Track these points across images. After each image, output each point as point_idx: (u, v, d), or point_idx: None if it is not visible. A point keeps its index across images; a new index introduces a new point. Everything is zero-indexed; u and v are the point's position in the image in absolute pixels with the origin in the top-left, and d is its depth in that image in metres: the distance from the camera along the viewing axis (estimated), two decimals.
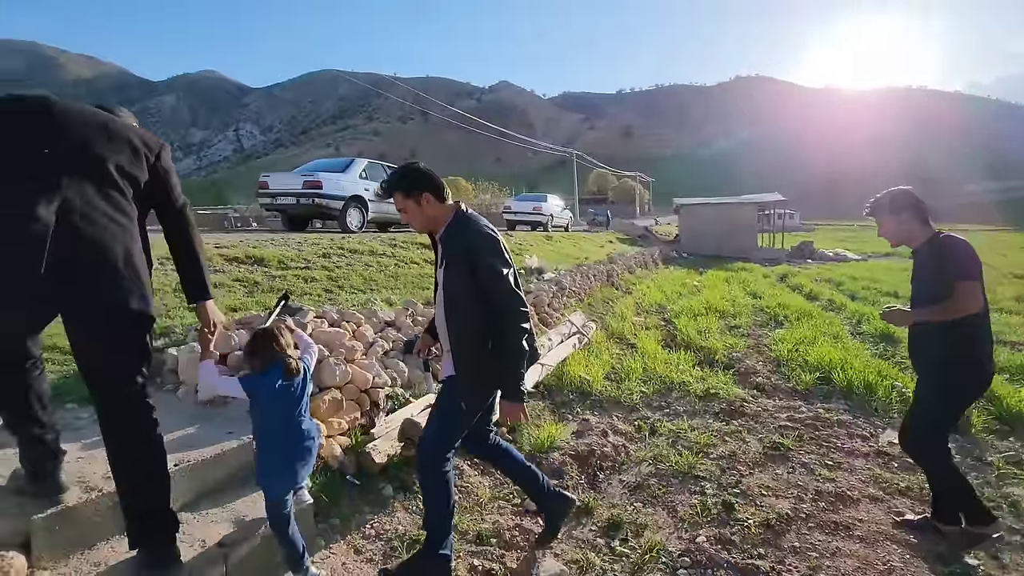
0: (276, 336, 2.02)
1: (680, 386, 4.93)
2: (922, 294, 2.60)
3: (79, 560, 1.86)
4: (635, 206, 59.05)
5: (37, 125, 1.61)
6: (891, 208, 2.65)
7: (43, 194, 1.51)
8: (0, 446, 2.19)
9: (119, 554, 1.91)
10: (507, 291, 2.07)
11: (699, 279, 13.06)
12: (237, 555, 2.03)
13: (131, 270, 1.66)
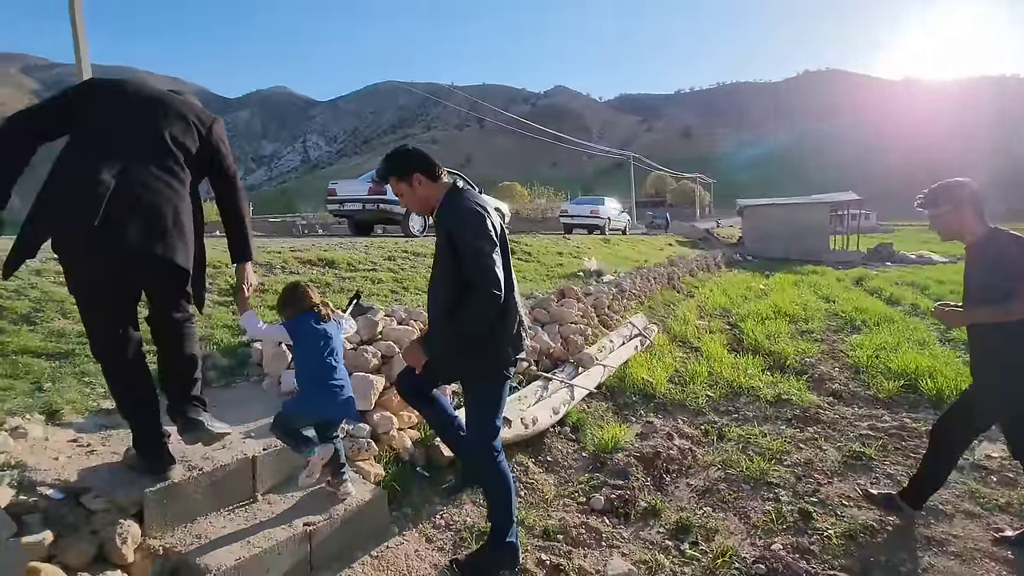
0: (305, 289, 2.32)
1: (749, 391, 4.76)
2: (976, 293, 2.48)
3: (183, 532, 2.02)
4: (695, 208, 57.36)
5: (110, 105, 1.93)
6: (945, 200, 2.50)
7: (107, 162, 1.80)
8: (114, 426, 2.41)
9: (216, 528, 2.07)
10: (481, 268, 1.96)
11: (765, 282, 12.52)
12: (320, 535, 2.14)
13: (178, 229, 1.91)
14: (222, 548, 1.96)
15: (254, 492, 2.28)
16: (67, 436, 2.30)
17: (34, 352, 2.96)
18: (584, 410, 4.13)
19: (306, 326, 2.26)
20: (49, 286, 3.76)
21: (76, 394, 2.63)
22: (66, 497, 1.90)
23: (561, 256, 10.00)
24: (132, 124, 1.92)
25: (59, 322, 3.36)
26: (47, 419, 2.39)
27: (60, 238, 1.81)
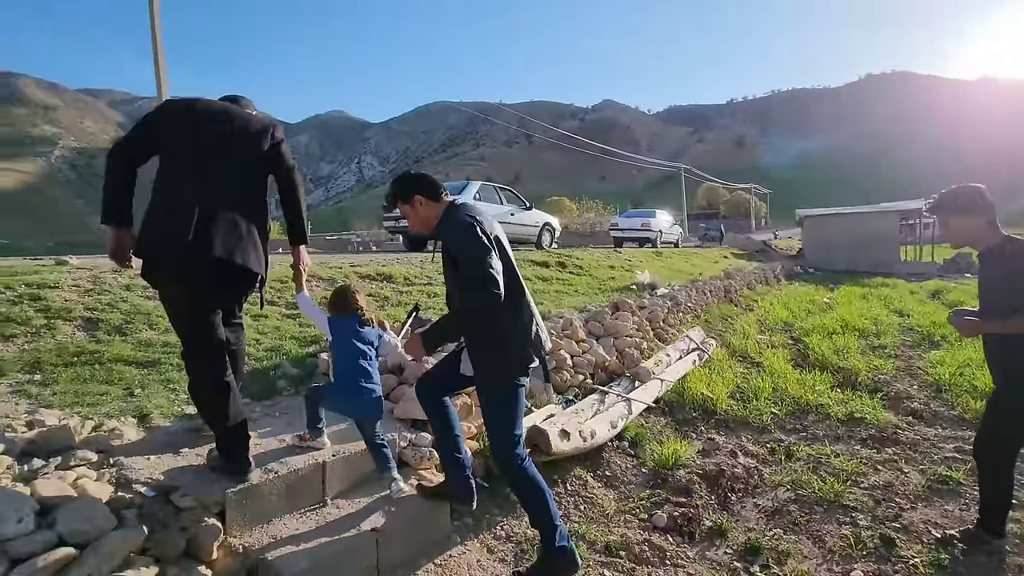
0: (353, 294, 2.51)
1: (817, 408, 4.53)
2: (992, 302, 2.43)
3: (260, 532, 2.12)
4: (750, 220, 55.52)
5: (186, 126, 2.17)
6: (957, 207, 2.43)
7: (191, 184, 2.11)
8: (196, 429, 2.57)
9: (290, 529, 2.15)
10: (474, 268, 2.04)
11: (830, 295, 11.92)
12: (387, 540, 2.20)
13: (251, 239, 2.20)
14: (296, 549, 2.04)
15: (324, 496, 2.36)
16: (157, 438, 2.46)
17: (126, 360, 3.20)
18: (642, 425, 4.05)
19: (346, 326, 2.45)
20: (138, 300, 4.06)
21: (163, 399, 2.82)
22: (157, 495, 2.03)
23: (613, 269, 9.90)
24: (207, 142, 2.17)
25: (146, 333, 3.63)
26: (138, 422, 2.57)
27: (159, 254, 2.09)
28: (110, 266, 4.68)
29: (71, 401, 2.65)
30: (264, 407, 2.98)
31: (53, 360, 3.05)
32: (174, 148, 2.14)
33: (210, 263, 2.07)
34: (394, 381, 3.29)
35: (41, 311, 3.56)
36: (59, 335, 3.36)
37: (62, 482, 1.90)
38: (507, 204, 11.17)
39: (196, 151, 2.15)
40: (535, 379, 3.89)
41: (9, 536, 1.59)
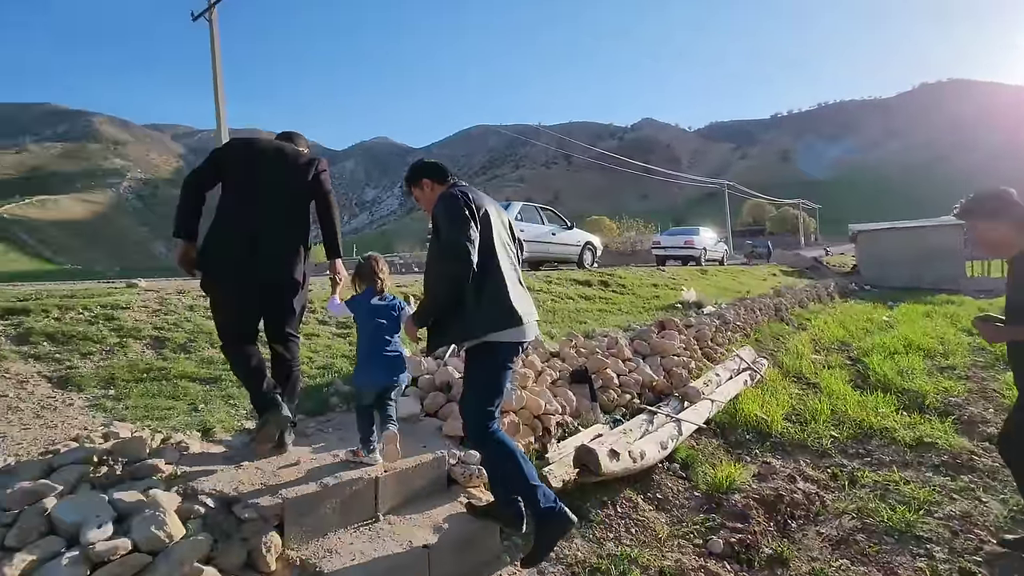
0: (372, 264, 2.64)
1: (882, 432, 4.29)
2: (1017, 308, 2.38)
3: (315, 545, 2.16)
4: (799, 236, 53.69)
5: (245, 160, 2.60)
6: (984, 211, 2.34)
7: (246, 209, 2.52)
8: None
9: (344, 544, 2.19)
10: (448, 236, 2.14)
11: (889, 314, 11.33)
12: (438, 557, 2.20)
13: (297, 257, 2.61)
14: (350, 563, 2.07)
15: (376, 512, 2.39)
16: (219, 451, 2.57)
17: (190, 377, 3.37)
18: (693, 446, 3.93)
19: (362, 302, 2.61)
20: (200, 320, 4.27)
21: (224, 414, 2.94)
22: (220, 506, 2.11)
23: (656, 288, 9.74)
24: (261, 175, 2.59)
25: (208, 351, 3.80)
26: (202, 435, 2.69)
27: (215, 266, 2.52)
28: (175, 288, 4.96)
29: (142, 415, 2.80)
30: (318, 423, 3.07)
31: (125, 376, 3.24)
32: (233, 179, 2.57)
33: (257, 279, 2.51)
34: (442, 399, 3.32)
35: (114, 330, 3.80)
36: (130, 352, 3.57)
37: (136, 491, 2.00)
38: (549, 224, 11.22)
39: (251, 183, 2.57)
40: (582, 398, 3.87)
41: (91, 540, 1.69)
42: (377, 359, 2.55)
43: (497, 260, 2.29)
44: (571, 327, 5.95)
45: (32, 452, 2.25)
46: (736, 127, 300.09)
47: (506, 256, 2.36)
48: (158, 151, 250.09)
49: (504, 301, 2.25)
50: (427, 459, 2.66)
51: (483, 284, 2.21)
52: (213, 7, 15.54)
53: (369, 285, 2.62)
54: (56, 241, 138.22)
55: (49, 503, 1.80)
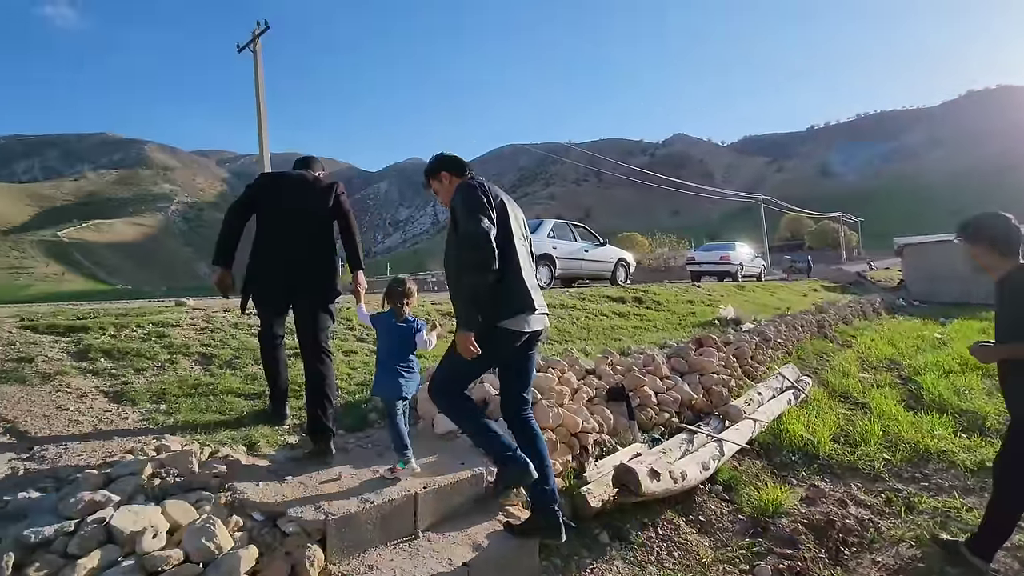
0: (395, 289, 2.76)
1: (939, 456, 4.07)
2: (1003, 328, 2.52)
3: (357, 561, 2.17)
4: (840, 250, 52.00)
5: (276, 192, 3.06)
6: (971, 236, 2.60)
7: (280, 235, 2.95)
8: (298, 459, 2.71)
9: (384, 560, 2.20)
10: (464, 235, 2.19)
11: (941, 330, 10.80)
12: (478, 574, 2.18)
13: (330, 272, 3.03)
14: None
15: (415, 528, 2.40)
16: (264, 465, 2.63)
17: (235, 392, 3.47)
18: (736, 467, 3.81)
19: (382, 321, 2.77)
20: (244, 337, 4.41)
21: (268, 430, 3.01)
22: (266, 519, 2.15)
23: (692, 304, 9.57)
24: (288, 205, 3.01)
25: (252, 367, 3.91)
26: (248, 450, 2.76)
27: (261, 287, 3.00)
28: (221, 306, 5.15)
29: (190, 429, 2.90)
30: (357, 438, 3.11)
31: (175, 391, 3.37)
32: (266, 210, 3.00)
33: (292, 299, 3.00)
34: None
35: (165, 347, 3.96)
36: (180, 368, 3.71)
37: (187, 503, 2.06)
38: (581, 240, 11.20)
39: (281, 212, 2.99)
40: (619, 416, 3.81)
41: (146, 550, 1.74)
42: (389, 372, 2.68)
43: (514, 246, 2.35)
44: (606, 344, 5.89)
45: (92, 463, 2.35)
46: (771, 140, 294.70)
47: (523, 247, 2.43)
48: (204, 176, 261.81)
49: (520, 289, 2.31)
50: (465, 476, 2.66)
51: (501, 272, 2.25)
52: (257, 39, 16.31)
53: (392, 308, 2.77)
54: (109, 262, 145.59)
55: (107, 513, 1.87)
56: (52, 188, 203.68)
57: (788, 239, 68.87)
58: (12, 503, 2.00)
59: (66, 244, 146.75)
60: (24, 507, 1.96)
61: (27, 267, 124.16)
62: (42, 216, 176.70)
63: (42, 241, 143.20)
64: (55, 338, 3.85)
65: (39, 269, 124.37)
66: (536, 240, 10.31)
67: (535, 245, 10.09)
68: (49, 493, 2.05)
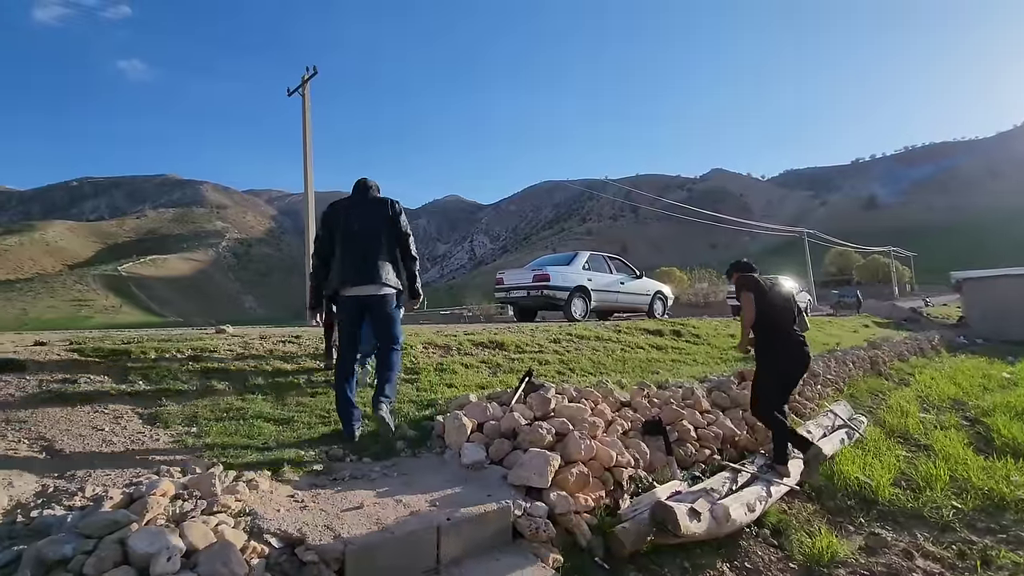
0: None
1: (1017, 505, 3.68)
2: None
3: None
4: (892, 285, 49.70)
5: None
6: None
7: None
8: (322, 486, 2.65)
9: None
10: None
11: (1011, 370, 10.04)
12: None
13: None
14: None
15: (438, 563, 2.28)
16: (286, 491, 2.58)
17: (265, 417, 3.46)
18: (785, 511, 3.53)
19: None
20: (278, 363, 4.45)
21: (294, 455, 2.97)
22: (284, 546, 2.08)
23: (734, 339, 9.20)
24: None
25: (284, 393, 3.93)
26: (272, 475, 2.71)
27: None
28: (259, 334, 5.24)
29: (218, 453, 2.88)
30: (383, 467, 3.03)
31: (207, 415, 3.39)
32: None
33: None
34: (507, 446, 3.20)
35: (201, 372, 4.02)
36: (214, 392, 3.75)
37: (206, 526, 2.01)
38: (616, 273, 11.03)
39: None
40: (656, 451, 3.61)
41: (159, 573, 1.69)
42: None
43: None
44: (642, 377, 5.68)
45: (119, 483, 2.35)
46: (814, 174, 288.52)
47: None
48: (254, 213, 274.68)
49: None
50: (492, 509, 2.53)
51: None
52: (306, 83, 17.22)
53: None
54: (162, 295, 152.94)
55: (125, 534, 1.84)
56: (115, 226, 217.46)
57: (834, 274, 66.38)
58: (37, 520, 2.00)
59: (125, 278, 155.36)
60: (48, 524, 1.95)
61: (89, 299, 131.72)
62: (105, 252, 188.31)
63: (103, 275, 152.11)
64: (98, 360, 3.97)
65: (99, 301, 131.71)
66: (572, 273, 10.28)
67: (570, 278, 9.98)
68: (74, 511, 2.04)
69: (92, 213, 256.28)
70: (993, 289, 18.50)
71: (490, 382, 4.83)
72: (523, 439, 3.16)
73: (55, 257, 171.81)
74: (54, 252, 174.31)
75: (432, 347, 5.64)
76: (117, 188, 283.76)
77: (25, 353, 4.01)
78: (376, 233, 3.34)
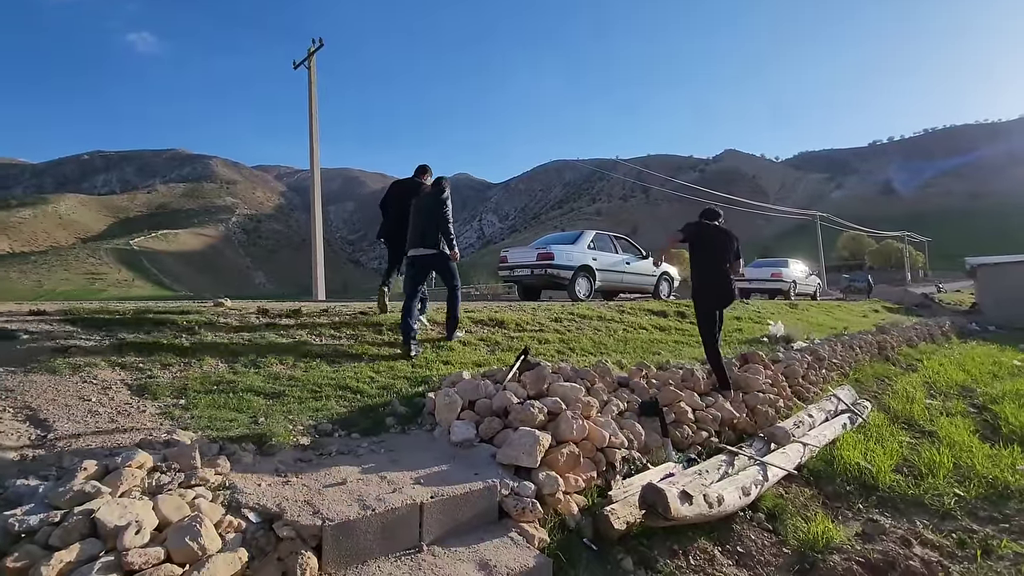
0: None
1: (1021, 494, 3.59)
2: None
3: (353, 572, 2.03)
4: (904, 270, 49.03)
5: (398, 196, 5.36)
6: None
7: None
8: (307, 460, 2.61)
9: (383, 572, 2.04)
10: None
11: (1022, 357, 9.85)
12: None
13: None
14: None
15: (419, 541, 2.24)
16: (270, 465, 2.54)
17: (255, 391, 3.43)
18: (781, 495, 3.47)
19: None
20: (273, 337, 4.42)
21: (281, 429, 2.93)
22: (262, 521, 2.04)
23: (739, 321, 9.10)
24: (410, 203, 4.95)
25: (277, 367, 3.89)
26: (257, 448, 2.68)
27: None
28: (257, 308, 5.20)
29: (204, 425, 2.85)
30: (371, 442, 2.98)
31: (196, 387, 3.36)
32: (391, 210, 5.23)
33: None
34: (498, 424, 3.14)
35: (195, 344, 3.99)
36: (205, 365, 3.72)
37: (181, 500, 1.98)
38: (623, 253, 10.88)
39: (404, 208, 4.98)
40: (651, 432, 3.54)
41: (126, 546, 1.65)
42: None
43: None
44: (643, 358, 5.60)
45: (99, 454, 2.31)
46: (829, 156, 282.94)
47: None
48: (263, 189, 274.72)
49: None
50: (477, 488, 2.48)
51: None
52: (312, 56, 16.94)
53: None
54: (173, 270, 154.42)
55: (97, 505, 1.80)
56: (127, 200, 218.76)
57: (847, 258, 65.63)
58: (11, 489, 1.97)
59: (137, 252, 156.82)
60: (20, 494, 1.92)
61: (102, 273, 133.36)
62: (116, 226, 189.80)
63: (115, 249, 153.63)
64: (92, 331, 3.95)
65: (112, 275, 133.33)
66: (576, 252, 10.13)
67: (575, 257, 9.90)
68: (47, 482, 2.01)
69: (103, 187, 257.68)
70: (1008, 276, 18.13)
71: (487, 360, 4.77)
72: (514, 418, 3.10)
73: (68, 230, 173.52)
74: (67, 225, 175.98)
75: (431, 324, 5.59)
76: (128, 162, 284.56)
77: (18, 322, 4.00)
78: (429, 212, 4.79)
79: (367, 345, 4.66)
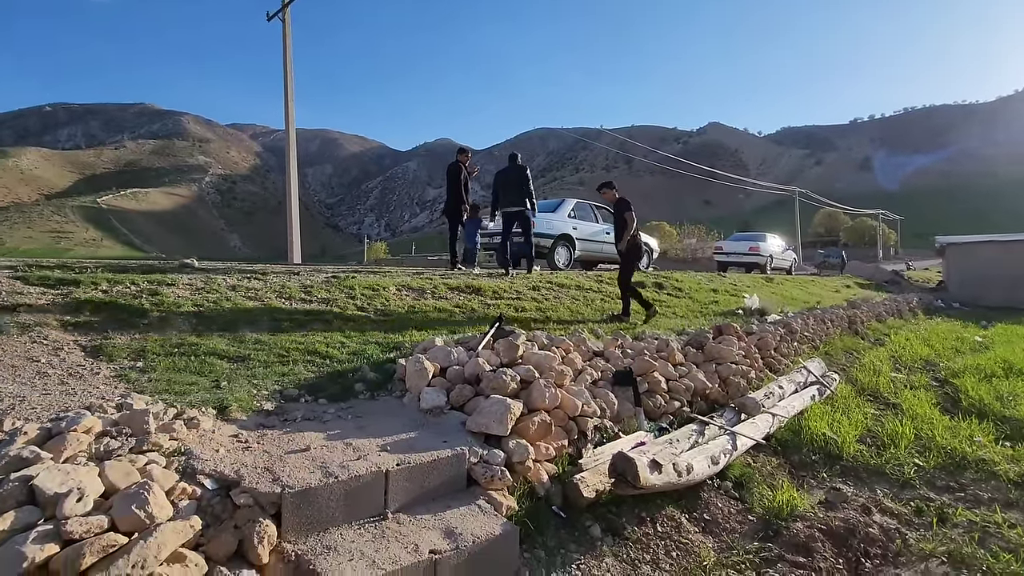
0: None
1: (978, 464, 3.70)
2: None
3: (314, 540, 1.98)
4: (877, 248, 50.11)
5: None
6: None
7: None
8: (271, 427, 2.52)
9: (346, 541, 1.99)
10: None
11: (983, 334, 10.17)
12: (445, 566, 1.97)
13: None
14: (350, 563, 1.87)
15: (384, 508, 2.19)
16: (230, 431, 2.45)
17: (219, 354, 3.31)
18: (749, 464, 3.52)
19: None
20: (240, 300, 4.26)
21: (244, 394, 2.83)
22: (218, 488, 1.96)
23: (716, 293, 9.16)
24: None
25: (243, 330, 3.76)
26: (217, 413, 2.58)
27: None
28: (224, 269, 5.02)
29: (162, 389, 2.74)
30: (338, 408, 2.91)
31: (156, 349, 3.22)
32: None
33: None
34: (469, 392, 3.09)
35: (155, 305, 3.82)
36: (166, 327, 3.57)
37: (131, 466, 1.88)
38: (603, 223, 10.81)
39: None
40: (624, 401, 3.54)
41: (66, 515, 1.56)
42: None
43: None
44: (619, 327, 5.59)
45: (43, 418, 2.19)
46: (811, 132, 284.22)
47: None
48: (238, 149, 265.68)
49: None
50: (445, 455, 2.43)
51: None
52: (287, 7, 16.12)
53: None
54: (144, 230, 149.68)
55: (35, 471, 1.70)
56: (93, 156, 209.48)
57: (822, 235, 66.74)
58: None
59: (105, 211, 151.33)
60: None
61: (68, 231, 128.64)
62: (82, 183, 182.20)
63: (82, 207, 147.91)
64: (44, 290, 3.75)
65: (79, 234, 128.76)
66: (556, 220, 10.02)
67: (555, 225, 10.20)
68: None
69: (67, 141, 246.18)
70: (974, 255, 18.61)
71: (462, 328, 4.70)
72: (486, 385, 3.05)
73: (30, 186, 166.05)
74: (29, 180, 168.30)
75: (406, 290, 5.48)
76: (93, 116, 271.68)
77: None
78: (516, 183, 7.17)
79: (338, 308, 4.54)
